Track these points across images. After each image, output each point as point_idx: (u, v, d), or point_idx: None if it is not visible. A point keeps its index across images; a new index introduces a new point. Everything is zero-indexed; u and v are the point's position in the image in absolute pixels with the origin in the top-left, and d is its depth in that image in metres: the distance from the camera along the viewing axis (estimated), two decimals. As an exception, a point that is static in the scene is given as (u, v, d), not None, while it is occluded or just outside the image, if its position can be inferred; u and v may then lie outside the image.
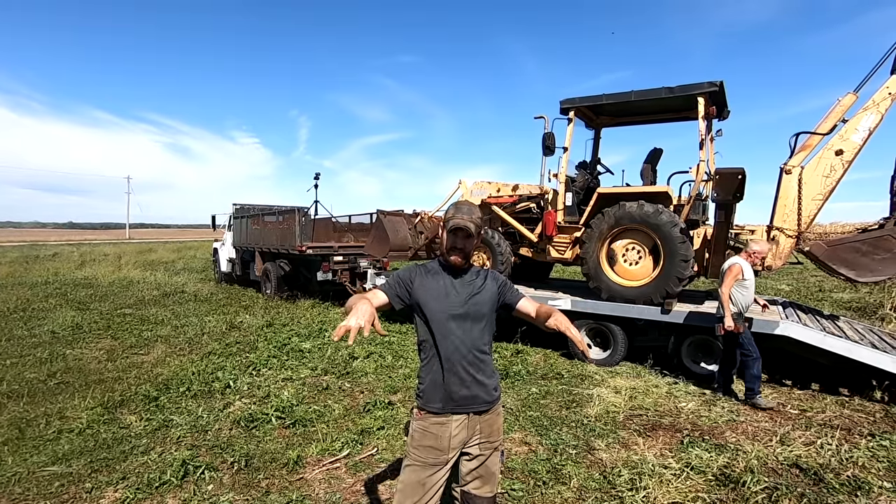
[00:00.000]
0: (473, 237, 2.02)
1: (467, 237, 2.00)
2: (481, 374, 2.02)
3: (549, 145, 6.54)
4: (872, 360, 4.76)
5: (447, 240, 2.02)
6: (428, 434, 1.97)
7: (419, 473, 1.95)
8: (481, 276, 2.12)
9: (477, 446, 2.03)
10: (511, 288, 2.17)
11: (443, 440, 1.97)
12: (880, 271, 5.27)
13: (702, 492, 3.16)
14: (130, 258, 21.55)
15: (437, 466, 1.96)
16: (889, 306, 8.82)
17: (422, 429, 1.98)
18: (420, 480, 1.94)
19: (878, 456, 3.67)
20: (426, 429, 1.97)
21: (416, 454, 1.97)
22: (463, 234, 1.99)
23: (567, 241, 6.85)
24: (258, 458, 3.64)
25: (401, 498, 1.95)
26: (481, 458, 2.04)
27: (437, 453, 1.96)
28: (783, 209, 5.60)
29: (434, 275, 2.05)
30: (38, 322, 8.26)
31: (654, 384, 5.30)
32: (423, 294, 1.99)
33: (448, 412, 1.97)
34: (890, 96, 5.30)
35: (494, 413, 2.07)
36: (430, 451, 1.96)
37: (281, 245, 10.73)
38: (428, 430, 1.97)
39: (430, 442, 1.96)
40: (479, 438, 2.03)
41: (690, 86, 5.91)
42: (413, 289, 2.00)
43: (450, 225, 1.99)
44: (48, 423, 4.24)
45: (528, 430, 4.17)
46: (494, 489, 2.11)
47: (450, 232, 2.00)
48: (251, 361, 5.99)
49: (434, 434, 1.96)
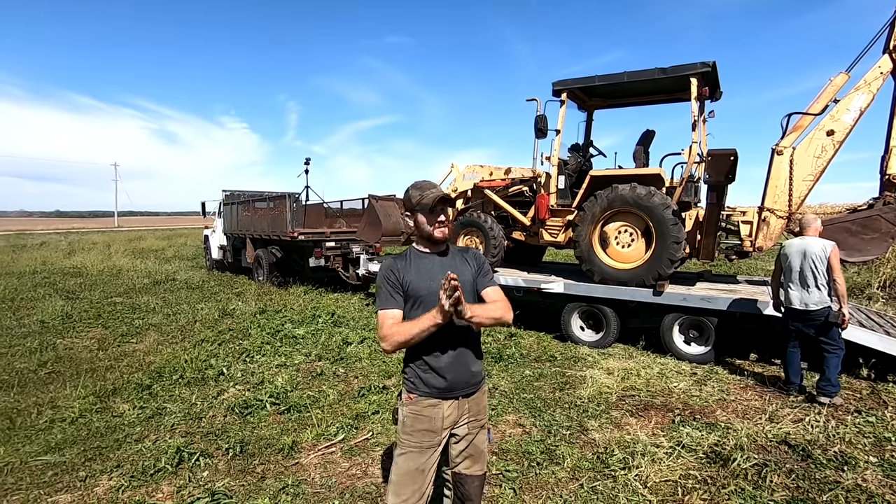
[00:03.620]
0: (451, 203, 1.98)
1: (447, 204, 1.99)
2: (471, 355, 2.01)
3: (541, 128, 6.49)
4: (860, 338, 4.82)
5: (427, 219, 1.95)
6: (421, 417, 1.95)
7: (417, 459, 1.94)
8: (461, 256, 2.09)
9: (465, 426, 2.04)
10: (487, 272, 2.13)
11: (436, 422, 1.96)
12: (869, 251, 5.32)
13: (693, 469, 3.21)
14: (120, 246, 21.31)
15: (432, 449, 1.96)
16: (876, 285, 8.95)
17: (414, 413, 1.96)
18: (418, 467, 1.93)
19: (864, 432, 3.75)
20: (419, 413, 1.95)
21: (411, 440, 1.95)
22: (442, 205, 1.96)
23: (560, 224, 6.84)
24: (253, 444, 3.64)
25: (398, 488, 1.93)
26: (469, 437, 2.05)
27: (431, 436, 1.96)
28: (774, 190, 5.62)
29: (417, 259, 2.00)
30: (27, 312, 8.16)
31: (646, 365, 5.35)
32: (414, 279, 1.94)
33: (440, 395, 1.96)
34: (881, 76, 5.29)
35: (481, 392, 2.09)
36: (424, 435, 1.95)
37: (272, 231, 10.64)
38: (421, 414, 1.95)
39: (425, 425, 1.95)
40: (467, 418, 2.04)
41: (683, 66, 5.86)
42: (402, 279, 1.94)
43: (427, 201, 1.92)
44: (40, 413, 4.21)
45: (522, 412, 4.21)
46: (484, 467, 2.13)
47: (430, 210, 1.94)
48: (244, 348, 5.98)
49: (428, 417, 1.95)
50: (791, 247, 4.52)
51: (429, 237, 1.99)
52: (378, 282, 1.98)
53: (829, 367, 4.33)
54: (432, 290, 1.91)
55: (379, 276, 1.99)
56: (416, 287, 1.94)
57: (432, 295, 1.89)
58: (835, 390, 4.31)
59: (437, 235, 1.96)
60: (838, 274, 4.29)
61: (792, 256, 4.48)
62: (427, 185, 1.98)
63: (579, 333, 6.40)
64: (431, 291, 1.91)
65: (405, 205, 2.01)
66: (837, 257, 4.33)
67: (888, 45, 5.24)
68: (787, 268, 4.53)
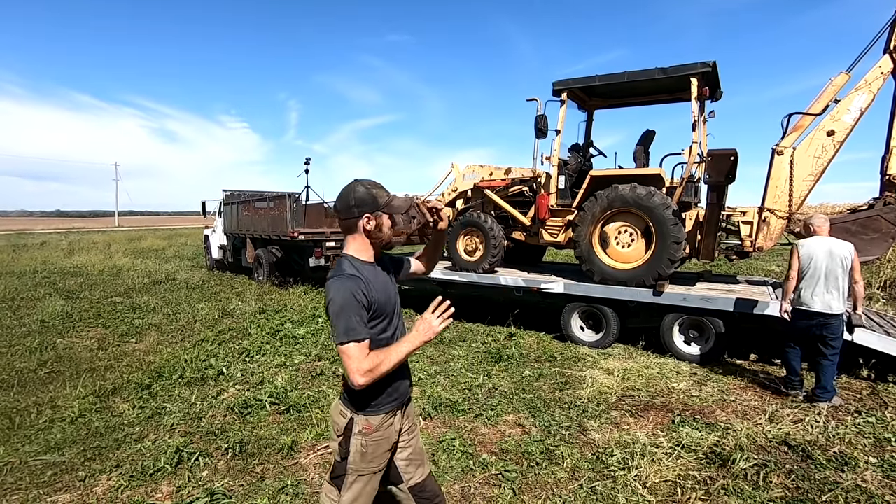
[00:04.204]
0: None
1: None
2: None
3: (541, 128, 6.49)
4: (859, 339, 4.82)
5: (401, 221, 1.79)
6: (382, 441, 1.81)
7: (372, 482, 1.83)
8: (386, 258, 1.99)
9: (407, 432, 1.94)
10: (401, 260, 2.09)
11: (392, 439, 1.85)
12: (869, 251, 5.32)
13: (692, 470, 3.21)
14: (120, 246, 21.32)
15: (384, 468, 1.86)
16: (877, 286, 8.96)
17: (377, 440, 1.79)
18: (374, 487, 1.84)
19: (864, 432, 3.74)
20: (380, 437, 1.80)
21: (370, 466, 1.80)
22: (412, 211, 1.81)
23: (560, 224, 6.84)
24: (253, 443, 3.64)
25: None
26: (413, 441, 1.97)
27: (387, 455, 1.86)
28: (775, 190, 5.61)
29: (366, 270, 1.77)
30: (27, 311, 8.16)
31: (646, 365, 5.35)
32: (378, 295, 1.75)
33: (396, 408, 1.85)
34: (882, 76, 5.28)
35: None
36: (384, 456, 1.84)
37: (272, 231, 10.63)
38: (382, 438, 1.80)
39: (385, 447, 1.82)
40: (409, 423, 1.96)
41: (683, 66, 5.86)
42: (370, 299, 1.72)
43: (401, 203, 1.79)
44: (39, 413, 4.21)
45: (522, 412, 4.21)
46: (428, 465, 2.04)
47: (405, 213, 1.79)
48: (244, 348, 5.98)
49: (387, 438, 1.82)
50: (815, 247, 4.29)
51: (388, 242, 1.83)
52: (340, 305, 1.64)
53: (825, 374, 4.29)
54: (395, 303, 1.84)
55: (341, 298, 1.65)
56: (384, 302, 1.77)
57: (395, 310, 1.83)
58: (831, 395, 4.29)
59: (400, 240, 1.84)
60: (860, 275, 4.25)
61: (818, 257, 4.23)
62: (382, 186, 1.83)
63: (579, 333, 6.40)
64: (394, 306, 1.83)
65: (360, 204, 1.74)
66: (858, 259, 4.29)
67: (889, 45, 5.24)
68: (812, 269, 4.26)
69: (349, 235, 1.81)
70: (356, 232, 1.79)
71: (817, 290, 4.25)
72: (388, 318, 1.81)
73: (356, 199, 1.74)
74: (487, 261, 7.17)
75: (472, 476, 3.21)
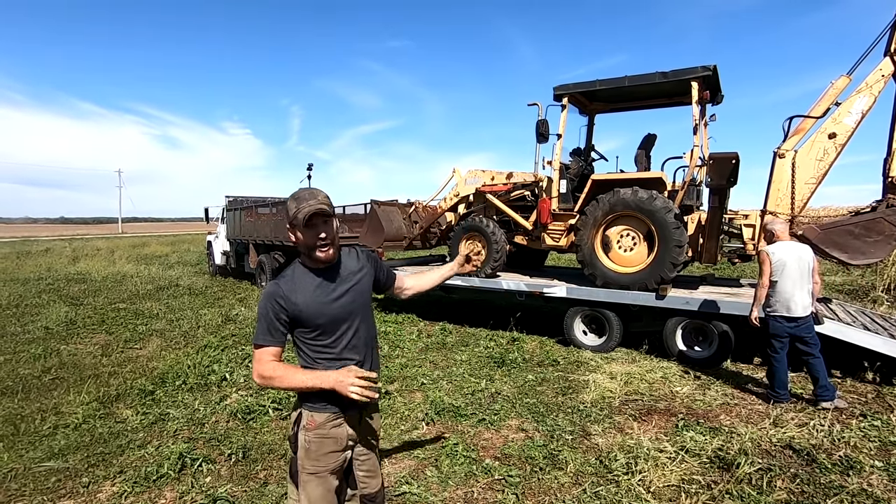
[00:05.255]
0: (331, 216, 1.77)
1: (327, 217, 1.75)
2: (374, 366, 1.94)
3: (542, 132, 6.51)
4: (864, 342, 4.80)
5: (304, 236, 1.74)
6: (327, 440, 1.82)
7: (326, 483, 1.83)
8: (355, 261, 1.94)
9: (364, 444, 1.95)
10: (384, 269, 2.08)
11: (340, 441, 1.85)
12: (872, 254, 5.30)
13: (697, 474, 3.19)
14: (124, 252, 21.41)
15: (338, 469, 1.87)
16: (881, 288, 8.92)
17: (319, 437, 1.81)
18: (328, 488, 1.84)
19: (869, 436, 3.72)
20: (325, 435, 1.81)
21: (317, 465, 1.81)
22: (319, 219, 1.73)
23: (562, 228, 6.85)
24: (255, 449, 3.65)
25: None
26: (369, 456, 1.98)
27: (337, 455, 1.85)
28: (777, 193, 5.61)
29: (307, 278, 1.80)
30: (31, 318, 8.20)
31: (649, 369, 5.33)
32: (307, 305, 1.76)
33: (341, 413, 1.84)
34: (883, 78, 5.28)
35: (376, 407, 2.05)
36: (331, 457, 1.83)
37: (275, 237, 10.67)
38: (327, 436, 1.81)
39: (331, 447, 1.83)
40: (367, 435, 1.96)
41: (684, 70, 5.87)
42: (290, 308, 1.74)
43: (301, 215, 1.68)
44: (43, 419, 4.22)
45: (525, 416, 4.20)
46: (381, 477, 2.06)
47: (304, 226, 1.70)
48: (247, 354, 5.98)
49: (334, 437, 1.83)
50: (784, 253, 4.34)
51: (309, 256, 1.79)
52: (260, 310, 1.74)
53: (819, 373, 4.29)
54: (335, 316, 1.80)
55: (261, 304, 1.75)
56: (312, 314, 1.76)
57: (335, 323, 1.80)
58: (832, 392, 4.29)
59: (320, 256, 1.75)
60: (819, 275, 4.51)
61: (790, 263, 4.30)
62: (306, 197, 1.71)
63: (582, 338, 6.38)
64: (334, 318, 1.80)
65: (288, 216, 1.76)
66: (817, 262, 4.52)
67: (889, 48, 5.24)
68: (785, 275, 4.30)
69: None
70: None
71: (796, 295, 4.30)
72: (322, 329, 1.79)
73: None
74: (490, 265, 7.17)
75: (476, 481, 3.20)
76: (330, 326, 1.80)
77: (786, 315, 4.33)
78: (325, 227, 1.74)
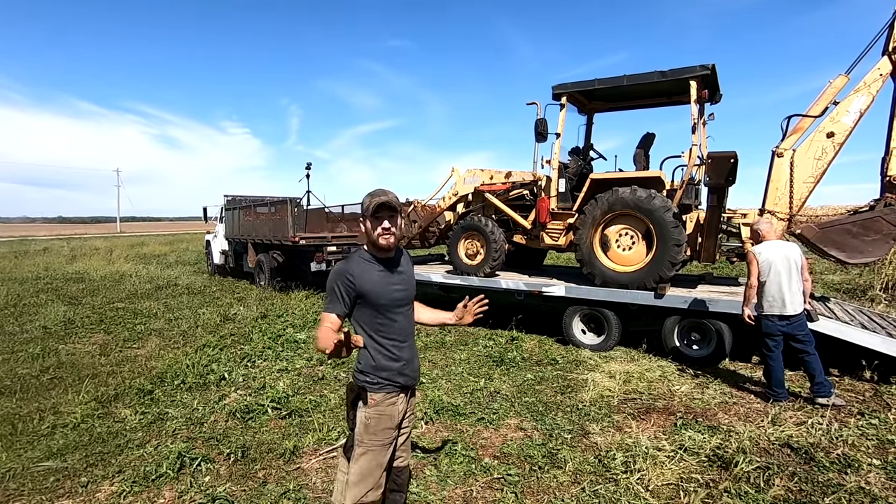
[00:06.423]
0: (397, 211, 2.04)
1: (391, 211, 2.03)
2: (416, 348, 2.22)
3: (541, 132, 6.50)
4: (862, 340, 4.81)
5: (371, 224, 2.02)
6: (384, 417, 2.05)
7: (379, 457, 2.04)
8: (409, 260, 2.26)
9: (407, 419, 2.21)
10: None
11: (395, 419, 2.08)
12: (870, 252, 5.31)
13: (695, 473, 3.20)
14: (122, 252, 21.38)
15: (391, 444, 2.09)
16: (878, 287, 8.93)
17: (378, 414, 2.04)
18: (379, 463, 2.04)
19: (867, 434, 3.73)
20: (382, 412, 2.04)
21: (375, 440, 2.03)
22: (384, 211, 2.01)
23: (560, 227, 6.85)
24: (254, 448, 3.64)
25: (362, 487, 2.00)
26: (407, 430, 2.24)
27: (391, 433, 2.08)
28: (775, 192, 5.62)
29: (371, 265, 2.06)
30: (29, 318, 8.18)
31: (648, 368, 5.34)
32: (371, 287, 2.01)
33: (398, 391, 2.09)
34: (881, 78, 5.29)
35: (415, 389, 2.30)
36: (386, 433, 2.05)
37: (274, 236, 10.66)
38: (384, 413, 2.05)
39: (387, 423, 2.05)
40: (411, 411, 2.24)
41: (682, 69, 5.87)
42: (357, 286, 2.00)
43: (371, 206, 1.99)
44: (42, 419, 4.21)
45: (524, 415, 4.20)
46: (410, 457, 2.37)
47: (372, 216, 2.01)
48: (246, 353, 5.98)
49: (390, 415, 2.06)
50: (771, 253, 4.37)
51: (374, 243, 2.05)
52: (329, 284, 2.01)
53: (815, 370, 4.31)
54: (394, 299, 2.06)
55: (331, 279, 2.02)
56: (377, 294, 2.01)
57: (393, 305, 2.05)
58: (829, 388, 4.31)
59: (381, 243, 2.02)
60: (808, 273, 4.52)
61: (777, 262, 4.33)
62: (378, 193, 2.02)
63: (581, 337, 6.39)
64: (393, 301, 2.05)
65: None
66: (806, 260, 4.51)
67: (887, 47, 5.25)
68: (773, 274, 4.33)
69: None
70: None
71: (786, 293, 4.33)
72: (380, 311, 2.03)
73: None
74: (488, 264, 7.18)
75: (475, 480, 3.20)
76: (387, 308, 2.04)
77: (777, 314, 4.37)
78: (390, 219, 2.01)
